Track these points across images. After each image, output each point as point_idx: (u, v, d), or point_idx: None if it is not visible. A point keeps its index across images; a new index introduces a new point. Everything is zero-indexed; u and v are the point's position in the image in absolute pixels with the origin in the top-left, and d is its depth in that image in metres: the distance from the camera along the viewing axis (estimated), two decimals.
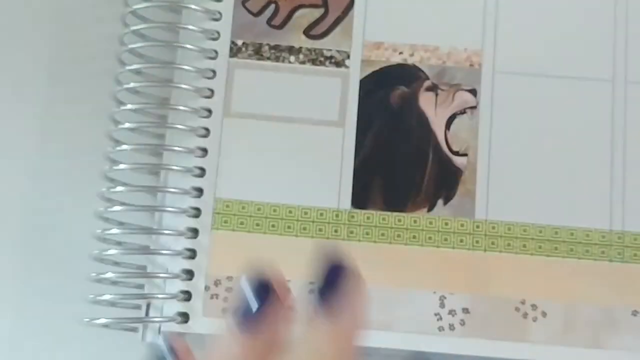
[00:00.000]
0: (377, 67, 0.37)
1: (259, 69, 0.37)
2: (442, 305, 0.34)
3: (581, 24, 0.37)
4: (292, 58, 0.37)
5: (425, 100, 0.36)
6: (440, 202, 0.35)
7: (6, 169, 0.39)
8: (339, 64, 0.37)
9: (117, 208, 0.34)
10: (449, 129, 0.36)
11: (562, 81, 0.36)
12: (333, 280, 0.20)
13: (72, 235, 0.38)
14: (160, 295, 0.34)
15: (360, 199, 0.35)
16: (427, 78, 0.36)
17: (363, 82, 0.36)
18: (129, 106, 0.35)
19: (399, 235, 0.35)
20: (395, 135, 0.36)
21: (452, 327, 0.34)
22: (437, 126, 0.36)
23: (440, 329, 0.34)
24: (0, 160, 0.39)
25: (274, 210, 0.35)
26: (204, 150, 0.36)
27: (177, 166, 0.35)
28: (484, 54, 0.37)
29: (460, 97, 0.36)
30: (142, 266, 0.35)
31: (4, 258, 0.38)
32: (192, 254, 0.35)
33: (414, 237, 0.35)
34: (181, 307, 0.34)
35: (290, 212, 0.35)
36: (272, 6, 0.37)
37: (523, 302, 0.34)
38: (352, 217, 0.35)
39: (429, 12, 0.37)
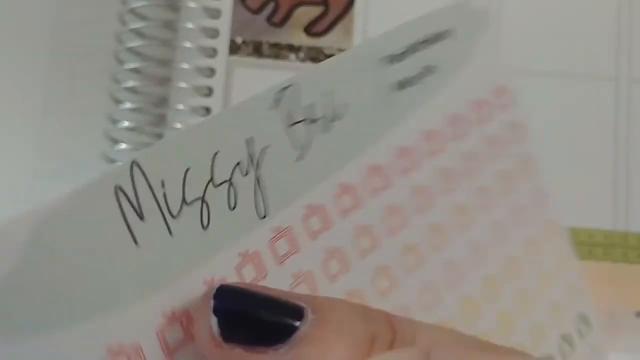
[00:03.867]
0: None
1: (258, 67, 0.36)
2: None
3: (585, 22, 0.37)
4: (292, 56, 0.36)
5: None
6: None
7: (3, 169, 0.39)
8: None
9: None
10: None
11: (566, 79, 0.36)
12: None
13: None
14: None
15: None
16: None
17: None
18: (127, 105, 0.35)
19: None
20: None
21: None
22: None
23: None
24: None
25: None
26: None
27: None
28: None
29: None
30: None
31: None
32: None
33: None
34: None
35: None
36: (272, 4, 0.37)
37: None
38: None
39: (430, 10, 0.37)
